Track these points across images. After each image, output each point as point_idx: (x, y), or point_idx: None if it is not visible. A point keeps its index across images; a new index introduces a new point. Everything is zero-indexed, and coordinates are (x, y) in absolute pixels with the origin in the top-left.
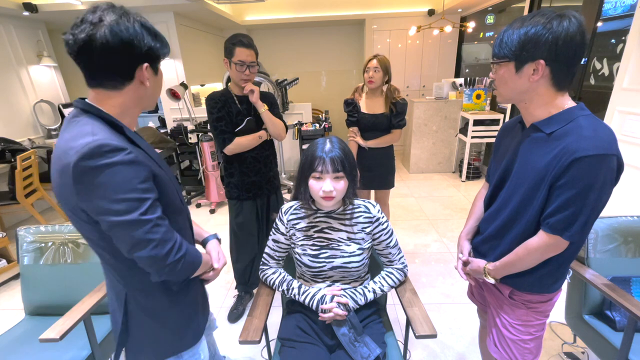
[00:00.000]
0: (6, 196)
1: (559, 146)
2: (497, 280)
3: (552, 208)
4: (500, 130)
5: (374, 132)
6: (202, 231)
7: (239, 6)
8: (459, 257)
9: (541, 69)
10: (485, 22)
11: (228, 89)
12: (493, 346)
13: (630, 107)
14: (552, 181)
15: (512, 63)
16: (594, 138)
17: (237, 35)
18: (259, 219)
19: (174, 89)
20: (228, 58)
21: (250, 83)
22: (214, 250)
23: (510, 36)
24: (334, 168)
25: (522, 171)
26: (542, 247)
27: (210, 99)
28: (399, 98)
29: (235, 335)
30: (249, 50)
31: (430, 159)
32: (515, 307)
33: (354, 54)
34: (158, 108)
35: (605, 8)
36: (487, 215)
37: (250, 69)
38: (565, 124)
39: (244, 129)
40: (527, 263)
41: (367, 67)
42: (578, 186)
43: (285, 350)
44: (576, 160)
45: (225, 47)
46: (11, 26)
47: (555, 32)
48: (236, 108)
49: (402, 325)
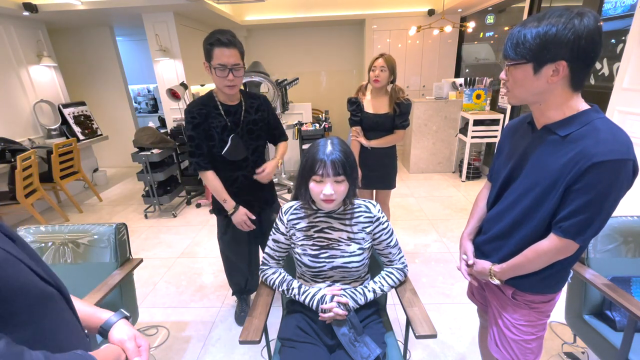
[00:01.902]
0: (6, 196)
1: (575, 149)
2: (502, 281)
3: (566, 212)
4: (505, 129)
5: (377, 132)
6: (98, 312)
7: (239, 6)
8: (462, 258)
9: (562, 69)
10: (485, 22)
11: (213, 95)
12: (494, 346)
13: (630, 107)
14: (568, 184)
15: (529, 65)
16: (612, 142)
17: (215, 34)
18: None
19: (174, 89)
20: (207, 61)
21: (267, 168)
22: (128, 341)
23: (526, 36)
24: (335, 172)
25: (533, 173)
26: (553, 250)
27: (187, 110)
28: (403, 98)
29: (235, 335)
30: (230, 50)
31: (430, 159)
32: (517, 307)
33: (354, 54)
34: (158, 108)
35: (605, 8)
36: (492, 215)
37: (233, 73)
38: (581, 127)
39: (229, 149)
40: (535, 265)
41: (373, 65)
42: (595, 191)
43: (285, 350)
44: (595, 164)
45: (204, 48)
46: (11, 26)
47: (577, 30)
48: (221, 121)
49: (402, 325)
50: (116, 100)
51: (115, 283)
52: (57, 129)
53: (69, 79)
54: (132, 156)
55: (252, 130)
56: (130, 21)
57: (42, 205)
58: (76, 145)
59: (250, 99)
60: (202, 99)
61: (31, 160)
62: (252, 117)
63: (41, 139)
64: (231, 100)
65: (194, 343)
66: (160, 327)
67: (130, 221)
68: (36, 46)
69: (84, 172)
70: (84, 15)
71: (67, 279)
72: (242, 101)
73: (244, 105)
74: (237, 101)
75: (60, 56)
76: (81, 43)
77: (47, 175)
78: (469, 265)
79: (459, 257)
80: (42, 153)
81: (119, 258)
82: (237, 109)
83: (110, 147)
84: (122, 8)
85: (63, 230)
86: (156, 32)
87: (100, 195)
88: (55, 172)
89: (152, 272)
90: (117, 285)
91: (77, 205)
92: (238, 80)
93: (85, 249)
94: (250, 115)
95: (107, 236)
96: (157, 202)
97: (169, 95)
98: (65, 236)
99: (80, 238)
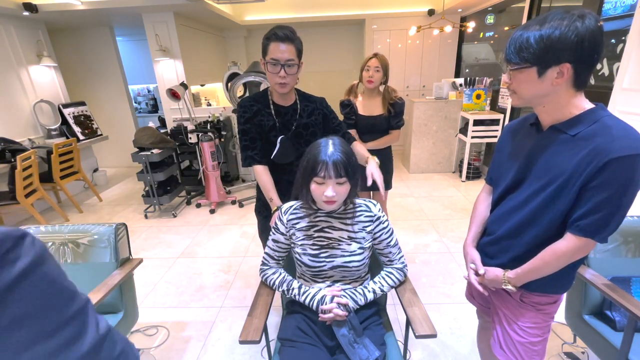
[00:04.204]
0: (6, 196)
1: (587, 147)
2: (517, 287)
3: (584, 210)
4: (504, 131)
5: (372, 134)
6: None
7: (239, 6)
8: (471, 268)
9: (566, 72)
10: (485, 22)
11: (267, 93)
12: (499, 349)
13: (630, 107)
14: (584, 182)
15: (534, 68)
16: (627, 138)
17: (274, 29)
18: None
19: (174, 89)
20: (263, 57)
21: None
22: None
23: (529, 40)
24: (336, 173)
25: (543, 172)
26: (572, 250)
27: (239, 105)
28: (397, 98)
29: (235, 335)
30: (286, 45)
31: (430, 159)
32: (524, 310)
33: (353, 54)
34: (158, 108)
35: (605, 8)
36: (498, 215)
37: (286, 69)
38: (590, 125)
39: (278, 153)
40: (552, 268)
41: (366, 65)
42: (613, 187)
43: (285, 350)
44: (612, 160)
45: (262, 44)
46: (11, 26)
47: (580, 32)
48: (270, 121)
49: (402, 325)
50: (116, 100)
51: (115, 283)
52: (57, 129)
53: (69, 79)
54: (132, 156)
55: (301, 134)
56: (130, 21)
57: (42, 205)
58: (76, 145)
59: (306, 102)
60: (256, 95)
61: (31, 160)
62: (303, 121)
63: (41, 139)
64: (285, 101)
65: (194, 343)
66: (160, 327)
67: (130, 221)
68: (36, 46)
69: (84, 172)
70: (84, 15)
71: None
72: (297, 103)
73: (298, 108)
74: (291, 102)
75: (60, 56)
76: (81, 43)
77: (47, 175)
78: (479, 275)
79: (465, 266)
80: (42, 153)
81: (119, 258)
82: (289, 111)
83: (110, 147)
84: (122, 8)
85: (63, 230)
86: (156, 32)
87: (100, 195)
88: (55, 172)
89: (152, 272)
90: (117, 285)
91: (77, 205)
92: (290, 78)
93: (85, 249)
94: (302, 118)
95: (107, 236)
96: (157, 202)
97: (169, 95)
98: (65, 236)
99: (80, 238)
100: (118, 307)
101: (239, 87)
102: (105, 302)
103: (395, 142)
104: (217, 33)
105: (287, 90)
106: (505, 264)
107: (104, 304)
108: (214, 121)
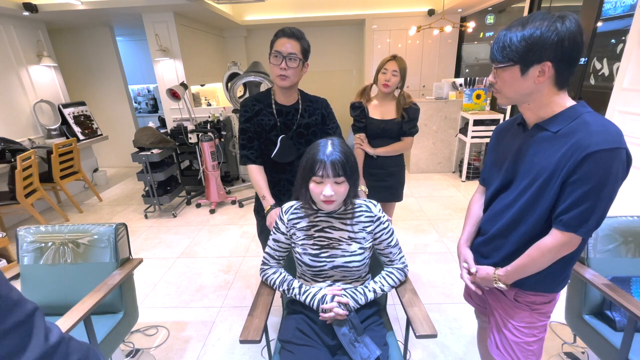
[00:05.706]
0: (6, 196)
1: (568, 143)
2: (508, 285)
3: (566, 205)
4: (495, 133)
5: (383, 139)
6: None
7: (239, 6)
8: (463, 267)
9: (547, 70)
10: (485, 22)
11: (270, 92)
12: (495, 349)
13: (630, 107)
14: (565, 178)
15: (517, 67)
16: (604, 132)
17: (284, 28)
18: None
19: (174, 89)
20: (269, 55)
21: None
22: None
23: (512, 40)
24: (334, 173)
25: (529, 171)
26: (557, 246)
27: (242, 104)
28: (412, 103)
29: (235, 335)
30: (291, 41)
31: (430, 159)
32: (519, 310)
33: (354, 54)
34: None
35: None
36: (490, 215)
37: (287, 62)
38: (570, 122)
39: (278, 152)
40: (540, 265)
41: (384, 67)
42: (593, 180)
43: (285, 352)
44: (590, 154)
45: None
46: (11, 26)
47: (560, 32)
48: (270, 120)
49: (402, 325)
50: (116, 100)
51: (115, 283)
52: (57, 129)
53: (69, 79)
54: (132, 156)
55: (302, 133)
56: (130, 21)
57: (42, 205)
58: (76, 145)
59: (308, 102)
60: (259, 94)
61: (31, 160)
62: (305, 121)
63: (41, 139)
64: (287, 100)
65: (194, 343)
66: (160, 327)
67: (130, 221)
68: (36, 46)
69: (84, 172)
70: (84, 15)
71: (67, 279)
72: (299, 102)
73: (300, 108)
74: (293, 102)
75: (60, 56)
76: (81, 43)
77: (47, 175)
78: (471, 274)
79: (459, 266)
80: (42, 153)
81: (119, 258)
82: (291, 110)
83: (110, 147)
84: (122, 8)
85: (63, 230)
86: (156, 32)
87: (100, 195)
88: (55, 172)
89: (152, 272)
90: (117, 285)
91: (77, 205)
92: (291, 72)
93: (85, 249)
94: (304, 118)
95: (107, 236)
96: (157, 202)
97: (169, 95)
98: (65, 236)
99: (80, 238)
100: (118, 307)
101: (239, 87)
102: (106, 302)
103: (408, 149)
104: (217, 33)
105: (288, 84)
106: (498, 263)
107: (104, 304)
108: (214, 121)
